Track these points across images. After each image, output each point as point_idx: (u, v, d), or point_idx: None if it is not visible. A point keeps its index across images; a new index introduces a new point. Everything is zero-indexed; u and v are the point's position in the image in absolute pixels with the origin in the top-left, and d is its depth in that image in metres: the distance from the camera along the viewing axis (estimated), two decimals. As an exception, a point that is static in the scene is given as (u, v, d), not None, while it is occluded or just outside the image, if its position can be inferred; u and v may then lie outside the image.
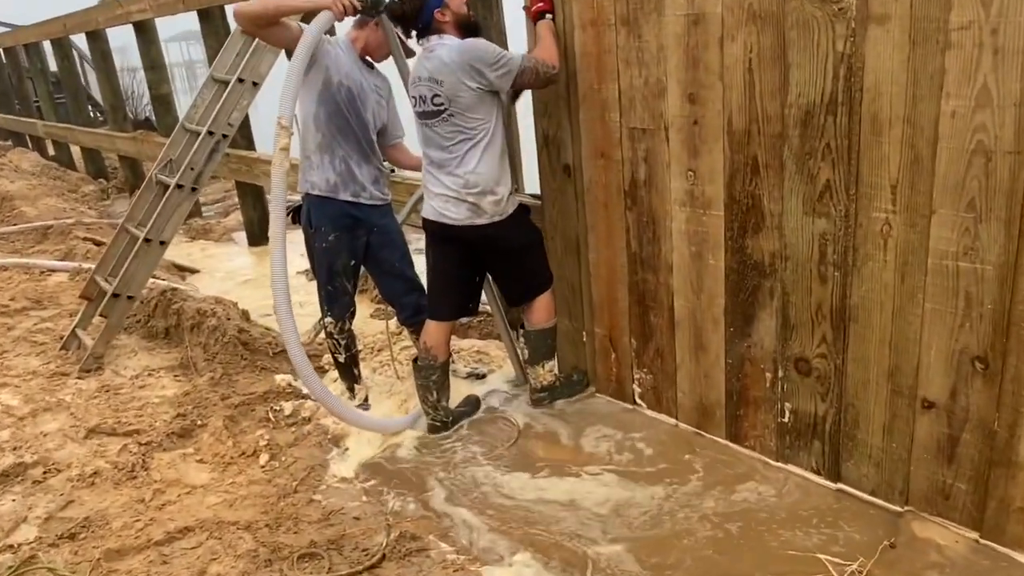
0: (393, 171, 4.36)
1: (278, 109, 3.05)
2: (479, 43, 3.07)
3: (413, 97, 3.20)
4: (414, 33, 3.19)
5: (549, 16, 3.20)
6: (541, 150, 3.52)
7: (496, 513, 2.89)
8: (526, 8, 3.27)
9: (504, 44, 3.93)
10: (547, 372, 3.52)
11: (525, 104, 3.53)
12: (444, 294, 3.44)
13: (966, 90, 2.16)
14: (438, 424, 3.47)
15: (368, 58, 3.49)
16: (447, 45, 3.06)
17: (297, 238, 3.73)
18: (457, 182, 3.13)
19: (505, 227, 3.25)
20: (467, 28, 3.14)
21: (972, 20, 2.10)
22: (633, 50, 2.98)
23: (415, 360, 3.49)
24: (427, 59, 3.10)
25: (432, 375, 3.42)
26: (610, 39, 3.04)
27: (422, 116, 3.17)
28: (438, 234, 3.32)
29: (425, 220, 3.33)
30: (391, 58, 3.49)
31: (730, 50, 2.67)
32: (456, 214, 3.18)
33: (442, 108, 3.07)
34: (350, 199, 3.48)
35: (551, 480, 3.06)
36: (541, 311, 3.46)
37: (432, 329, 3.43)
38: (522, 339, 3.60)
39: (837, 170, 2.50)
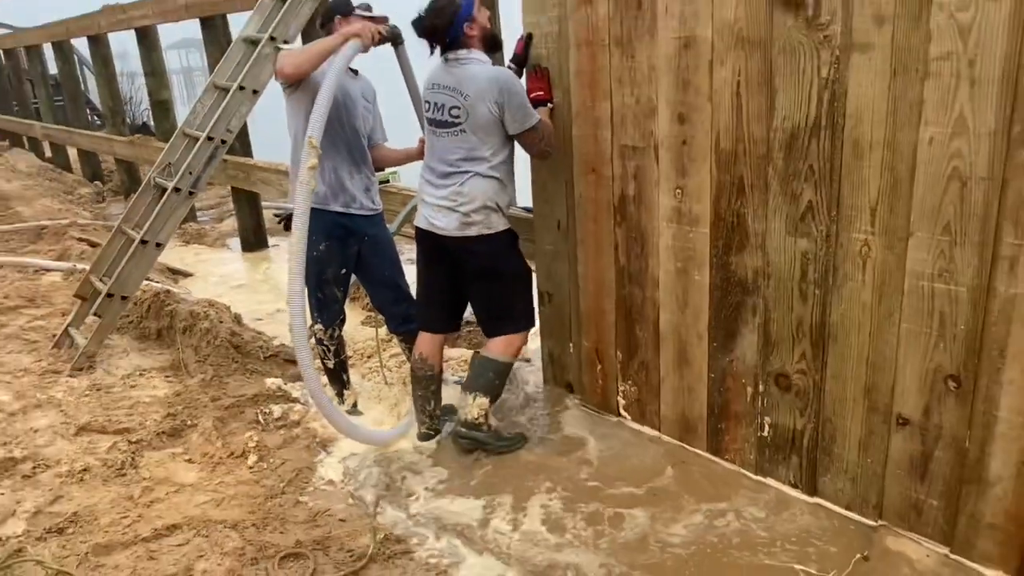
0: (387, 181, 4.41)
1: (308, 131, 3.07)
2: (513, 78, 3.08)
3: (428, 102, 3.15)
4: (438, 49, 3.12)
5: (549, 104, 3.27)
6: (535, 164, 3.53)
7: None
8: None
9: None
10: (476, 406, 3.26)
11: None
12: (432, 306, 3.43)
13: (943, 118, 2.20)
14: (431, 433, 3.48)
15: (351, 66, 3.44)
16: (482, 62, 3.06)
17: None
18: (454, 193, 3.10)
19: (491, 244, 3.18)
20: (491, 43, 3.16)
21: (950, 51, 2.15)
22: (626, 70, 3.02)
23: (412, 370, 3.47)
24: (455, 68, 3.05)
25: (431, 385, 3.42)
26: (604, 59, 3.09)
27: (434, 123, 3.14)
28: (427, 244, 3.28)
29: (417, 229, 3.31)
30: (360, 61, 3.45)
31: (719, 73, 2.71)
32: (446, 223, 3.14)
33: (458, 121, 3.04)
34: (341, 209, 3.51)
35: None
36: (500, 343, 3.32)
37: (425, 340, 3.43)
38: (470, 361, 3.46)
39: (819, 192, 2.54)
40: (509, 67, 3.35)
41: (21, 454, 3.38)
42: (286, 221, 3.59)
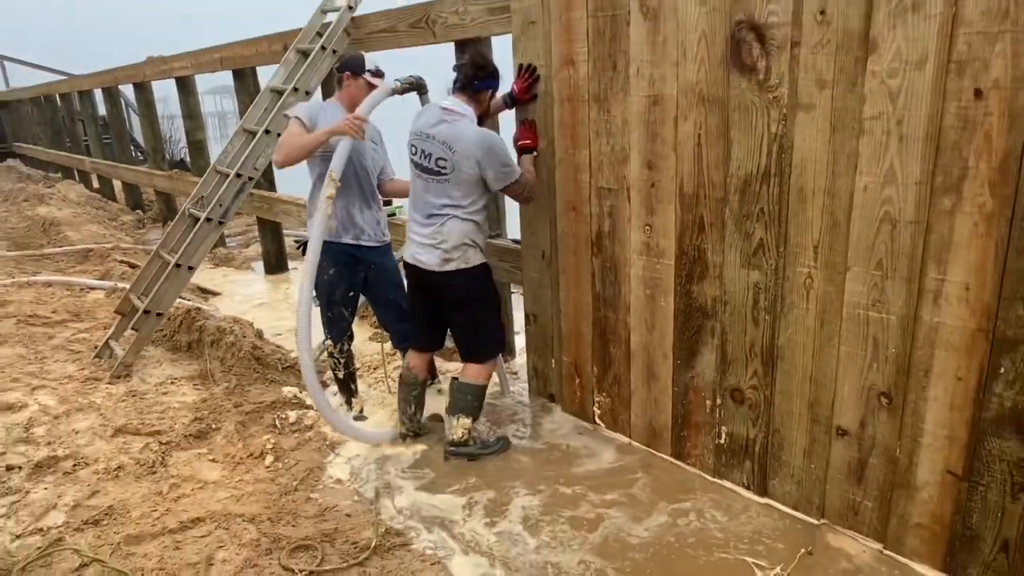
0: (394, 214, 4.41)
1: (330, 168, 3.20)
2: (498, 141, 2.99)
3: (415, 146, 3.07)
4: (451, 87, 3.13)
5: (534, 152, 3.29)
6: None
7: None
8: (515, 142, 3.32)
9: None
10: (459, 426, 3.22)
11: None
12: (420, 328, 3.42)
13: (876, 169, 2.24)
14: (408, 434, 3.47)
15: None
16: (470, 123, 3.00)
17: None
18: (435, 233, 3.07)
19: (467, 277, 3.13)
20: (493, 74, 3.12)
21: (882, 112, 2.19)
22: (602, 123, 3.05)
23: (401, 375, 3.48)
24: (445, 123, 2.99)
25: (413, 391, 3.43)
26: (584, 113, 3.12)
27: (420, 168, 3.07)
28: (414, 276, 3.24)
29: (405, 263, 3.26)
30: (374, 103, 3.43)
31: (683, 127, 2.74)
32: (428, 259, 3.10)
33: (443, 172, 2.99)
34: (351, 242, 3.51)
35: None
36: (470, 369, 3.27)
37: (414, 355, 3.45)
38: (450, 387, 3.37)
39: (769, 231, 2.56)
40: (504, 100, 3.36)
41: (63, 453, 3.34)
42: (303, 247, 3.60)
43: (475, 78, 3.06)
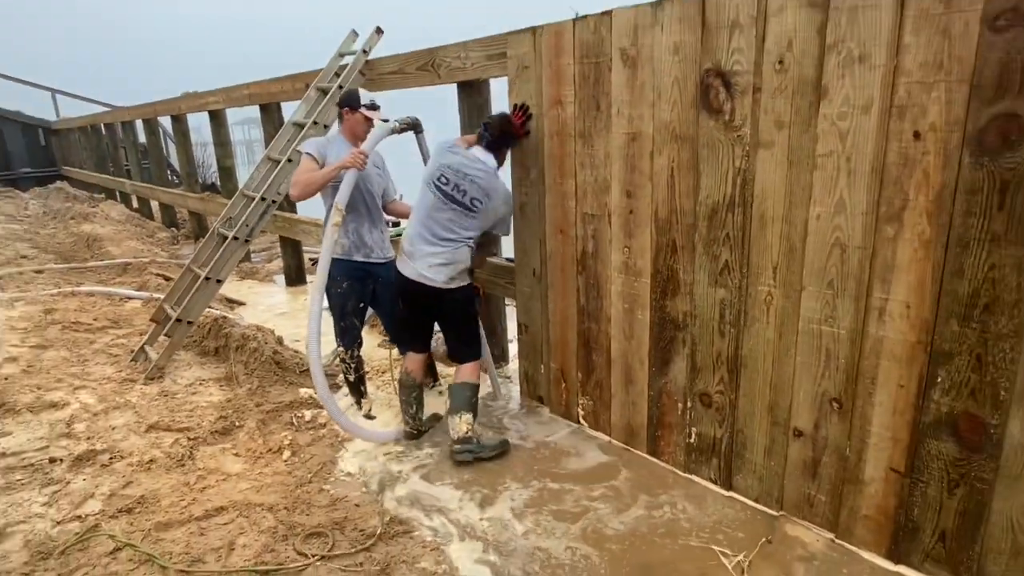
0: (399, 235, 4.42)
1: (336, 200, 3.26)
2: (513, 206, 3.23)
3: (447, 178, 3.10)
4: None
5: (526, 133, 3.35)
6: (517, 219, 3.54)
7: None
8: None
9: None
10: (463, 423, 3.19)
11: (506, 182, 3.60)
12: (416, 335, 3.43)
13: (828, 200, 2.26)
14: (414, 433, 3.46)
15: (360, 142, 3.47)
16: (503, 185, 3.18)
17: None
18: (448, 255, 3.12)
19: (461, 293, 3.23)
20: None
21: (832, 150, 2.22)
22: (587, 156, 3.08)
23: (400, 380, 3.46)
24: (484, 172, 3.11)
25: (412, 392, 3.42)
26: (571, 147, 3.14)
27: (447, 197, 3.10)
28: (410, 290, 3.21)
29: (404, 278, 3.20)
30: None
31: (658, 161, 2.77)
32: (435, 276, 3.13)
33: (475, 209, 3.11)
34: (361, 259, 3.54)
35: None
36: (464, 371, 3.32)
37: (411, 359, 3.44)
38: (448, 390, 3.38)
39: (734, 253, 2.58)
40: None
41: (101, 447, 3.32)
42: (316, 262, 3.63)
43: (502, 141, 3.21)
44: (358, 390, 3.82)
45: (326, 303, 3.43)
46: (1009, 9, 1.82)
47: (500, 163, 3.25)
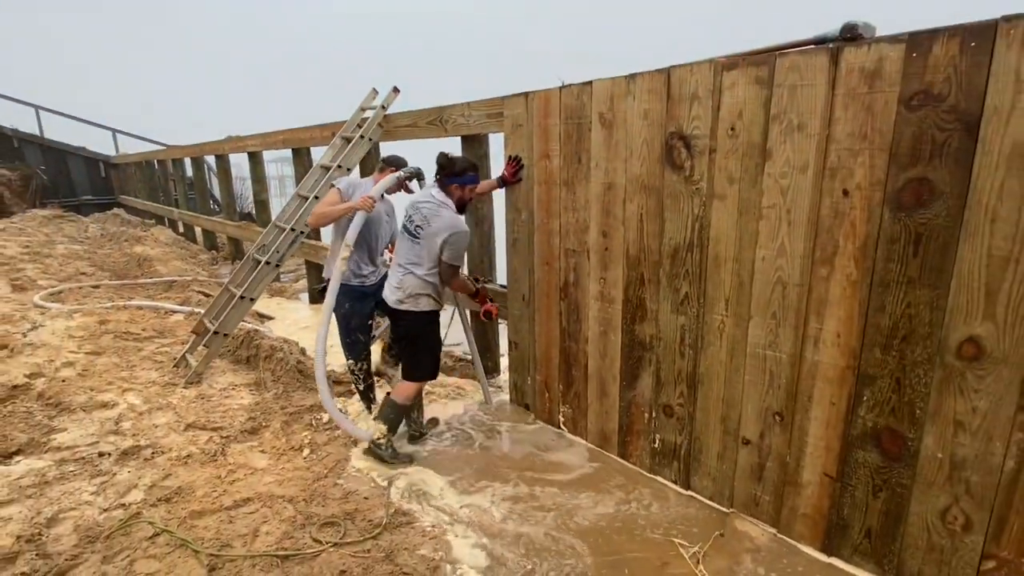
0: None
1: (345, 239, 3.25)
2: (463, 237, 2.95)
3: (408, 213, 3.07)
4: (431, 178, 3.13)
5: (517, 179, 3.34)
6: (510, 252, 3.57)
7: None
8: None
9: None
10: (377, 430, 3.15)
11: (501, 220, 3.61)
12: (396, 344, 3.32)
13: (771, 244, 2.29)
14: (416, 435, 3.42)
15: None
16: (450, 213, 2.95)
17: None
18: (400, 280, 3.05)
19: (412, 316, 3.07)
20: (463, 203, 3.07)
21: (775, 203, 2.26)
22: (569, 201, 3.10)
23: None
24: (431, 203, 2.99)
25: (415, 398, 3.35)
26: (556, 192, 3.18)
27: (405, 230, 3.08)
28: (387, 310, 3.20)
29: (384, 298, 3.20)
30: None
31: (629, 207, 2.80)
32: (390, 296, 3.10)
33: (418, 236, 2.98)
34: (358, 284, 3.50)
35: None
36: (401, 389, 3.17)
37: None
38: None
39: (692, 287, 2.60)
40: (497, 181, 3.40)
41: (145, 443, 3.27)
42: (322, 290, 3.60)
43: (442, 174, 3.02)
44: (367, 397, 3.78)
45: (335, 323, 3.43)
46: (921, 91, 1.88)
47: (459, 199, 3.02)
